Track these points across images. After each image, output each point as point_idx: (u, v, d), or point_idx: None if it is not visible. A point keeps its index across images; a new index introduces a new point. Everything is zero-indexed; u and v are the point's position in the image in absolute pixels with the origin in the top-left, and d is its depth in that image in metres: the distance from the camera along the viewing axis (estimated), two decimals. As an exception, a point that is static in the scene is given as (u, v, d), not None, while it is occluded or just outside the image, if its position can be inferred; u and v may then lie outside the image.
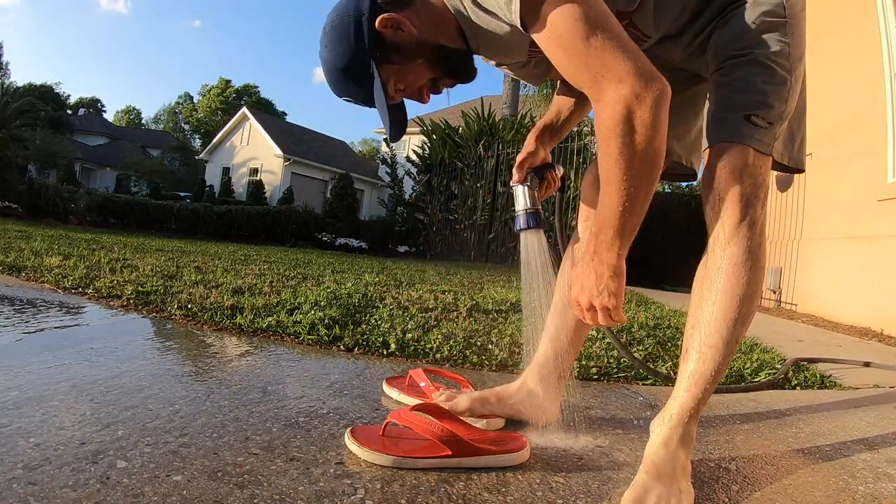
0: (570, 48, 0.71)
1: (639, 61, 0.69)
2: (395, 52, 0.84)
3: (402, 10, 0.83)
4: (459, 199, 8.72)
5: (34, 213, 10.99)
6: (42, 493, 0.62)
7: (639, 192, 0.73)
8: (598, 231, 0.77)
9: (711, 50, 0.87)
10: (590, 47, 0.69)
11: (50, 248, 3.27)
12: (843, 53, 3.98)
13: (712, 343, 0.80)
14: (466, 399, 1.02)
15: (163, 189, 21.27)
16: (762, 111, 0.80)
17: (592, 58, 0.69)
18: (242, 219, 12.66)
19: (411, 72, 0.86)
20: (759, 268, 0.81)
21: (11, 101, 14.76)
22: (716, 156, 0.81)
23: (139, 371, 1.15)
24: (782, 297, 4.55)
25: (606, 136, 0.71)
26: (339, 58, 0.85)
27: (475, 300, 2.46)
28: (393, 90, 0.88)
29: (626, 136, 0.70)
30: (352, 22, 0.83)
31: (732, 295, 0.80)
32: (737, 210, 0.79)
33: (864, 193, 3.63)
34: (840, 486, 0.87)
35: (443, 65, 0.87)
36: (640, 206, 0.75)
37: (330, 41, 0.86)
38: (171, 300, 1.93)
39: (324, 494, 0.69)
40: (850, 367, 1.94)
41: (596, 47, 0.69)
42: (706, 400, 0.82)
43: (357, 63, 0.85)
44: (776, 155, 0.83)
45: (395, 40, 0.83)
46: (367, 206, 22.22)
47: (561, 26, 0.70)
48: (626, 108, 0.69)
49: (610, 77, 0.69)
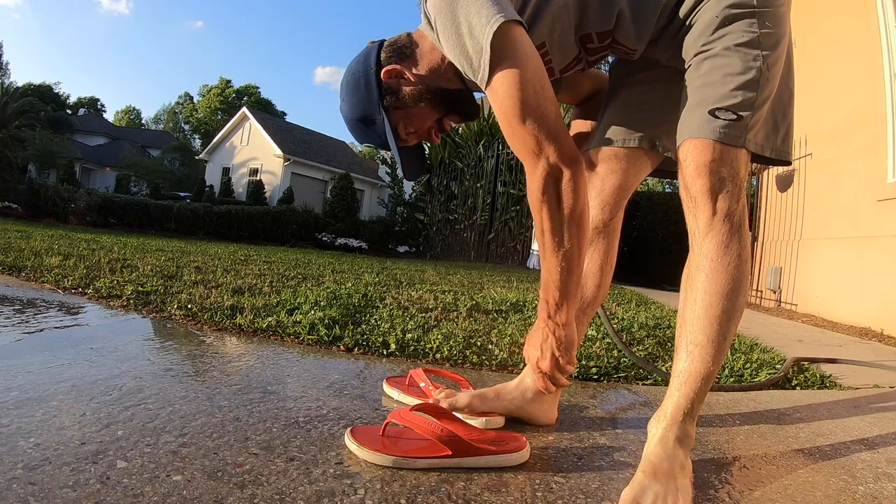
0: (511, 124, 0.81)
1: (564, 144, 0.81)
2: (400, 99, 0.95)
3: (403, 61, 0.94)
4: (459, 199, 8.73)
5: (34, 213, 10.99)
6: (42, 493, 0.62)
7: (572, 251, 0.85)
8: (546, 296, 0.89)
9: (683, 49, 0.89)
10: (525, 129, 0.80)
11: (50, 248, 3.27)
12: (843, 53, 3.98)
13: (697, 341, 0.81)
14: (466, 396, 1.03)
15: (163, 189, 21.26)
16: (728, 103, 0.79)
17: (527, 137, 0.81)
18: (242, 219, 12.66)
19: (417, 115, 0.96)
20: (742, 261, 0.80)
21: (11, 101, 14.76)
22: (683, 154, 0.83)
23: (139, 371, 1.15)
24: (782, 297, 4.55)
25: (538, 204, 0.83)
26: (354, 109, 0.98)
27: (475, 300, 2.46)
28: (404, 133, 0.97)
29: (553, 202, 0.82)
30: (362, 76, 0.95)
31: (713, 291, 0.80)
32: (707, 206, 0.80)
33: (864, 193, 3.63)
34: (840, 486, 0.87)
35: (445, 105, 0.96)
36: (577, 266, 0.87)
37: (346, 94, 0.98)
38: (171, 300, 1.93)
39: (324, 494, 0.69)
40: (850, 367, 1.94)
41: (530, 130, 0.80)
42: (702, 399, 0.82)
43: (370, 112, 0.96)
44: (753, 147, 0.82)
45: (399, 88, 0.94)
46: (367, 206, 22.23)
47: (507, 106, 0.81)
48: (553, 180, 0.81)
49: (540, 154, 0.81)
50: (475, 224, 8.34)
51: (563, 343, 0.91)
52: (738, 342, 2.11)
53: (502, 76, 0.79)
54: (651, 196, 9.47)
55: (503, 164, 7.83)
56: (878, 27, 3.52)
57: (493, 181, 8.00)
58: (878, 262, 3.38)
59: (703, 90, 0.82)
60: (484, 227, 8.15)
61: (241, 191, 21.89)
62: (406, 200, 11.13)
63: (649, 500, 0.72)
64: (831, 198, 4.08)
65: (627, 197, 1.08)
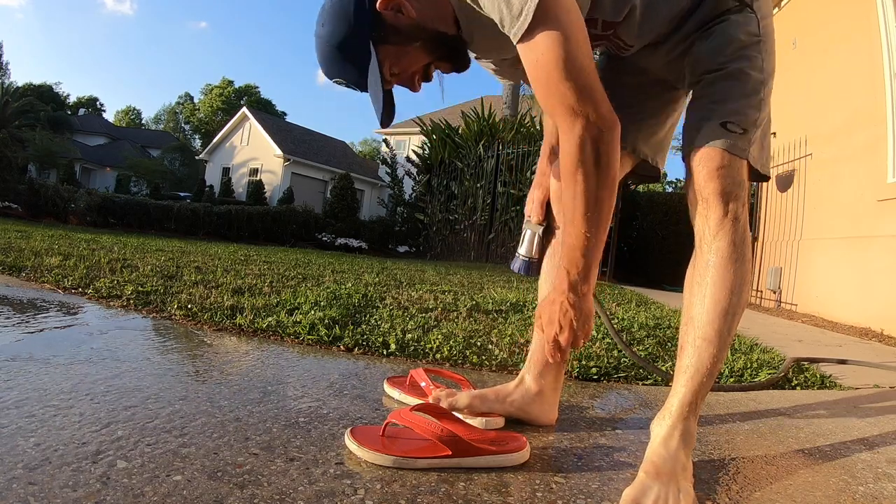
0: (551, 78, 0.77)
1: (603, 104, 0.78)
2: (393, 34, 0.86)
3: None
4: (459, 200, 8.72)
5: (34, 213, 10.98)
6: (42, 493, 0.62)
7: (602, 218, 0.82)
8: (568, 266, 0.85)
9: (690, 60, 0.93)
10: (566, 85, 0.76)
11: (50, 248, 3.26)
12: (843, 53, 3.98)
13: (706, 335, 0.83)
14: (466, 396, 1.03)
15: (163, 189, 21.25)
16: (737, 118, 0.86)
17: (568, 94, 0.77)
18: (242, 219, 12.66)
19: (407, 55, 0.88)
20: (746, 260, 0.85)
21: (12, 101, 14.76)
22: (696, 160, 0.86)
23: (139, 371, 1.15)
24: (782, 297, 4.54)
25: (573, 166, 0.79)
26: (337, 35, 0.87)
27: (475, 300, 2.46)
28: (388, 73, 0.89)
29: (589, 164, 0.79)
30: (352, 1, 0.85)
31: (722, 287, 0.83)
32: (718, 206, 0.84)
33: (864, 193, 3.63)
34: (840, 486, 0.87)
35: (439, 50, 0.90)
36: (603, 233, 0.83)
37: (329, 18, 0.87)
38: (171, 300, 1.93)
39: (324, 494, 0.69)
40: (850, 368, 1.94)
41: (571, 86, 0.76)
42: (704, 395, 0.84)
43: (354, 41, 0.86)
44: (752, 160, 0.88)
45: (394, 22, 0.86)
46: (367, 206, 22.22)
47: (548, 60, 0.76)
48: (591, 139, 0.78)
49: (580, 113, 0.77)
50: (475, 224, 8.33)
51: (582, 316, 0.87)
52: (738, 342, 2.11)
53: (547, 28, 0.75)
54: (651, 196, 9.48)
55: (503, 165, 7.82)
56: (878, 27, 3.52)
57: (493, 181, 7.99)
58: (878, 263, 3.38)
59: (716, 105, 0.87)
60: (484, 227, 8.15)
61: (241, 191, 21.89)
62: (406, 200, 11.12)
63: (650, 501, 0.72)
64: (831, 198, 4.08)
65: None
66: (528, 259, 1.09)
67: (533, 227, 1.09)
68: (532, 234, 1.09)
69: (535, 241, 1.09)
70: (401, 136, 22.56)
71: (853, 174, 3.80)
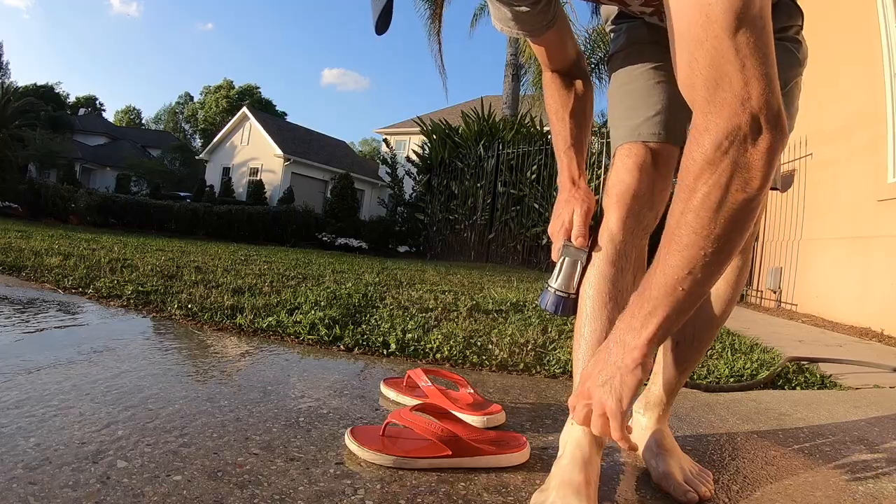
0: (708, 32, 0.51)
1: (775, 89, 0.52)
2: None
3: None
4: (459, 199, 8.72)
5: (34, 213, 10.98)
6: (42, 493, 0.62)
7: (719, 256, 0.55)
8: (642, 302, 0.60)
9: None
10: (733, 43, 0.50)
11: (50, 247, 3.26)
12: (844, 53, 3.97)
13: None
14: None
15: (163, 189, 21.25)
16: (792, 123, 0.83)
17: (732, 57, 0.51)
18: (242, 219, 12.66)
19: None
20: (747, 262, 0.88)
21: (12, 101, 14.76)
22: None
23: (139, 371, 1.15)
24: (782, 297, 4.54)
25: (699, 168, 0.54)
26: None
27: (475, 300, 2.46)
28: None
29: (724, 175, 0.52)
30: None
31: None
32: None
33: (864, 193, 3.63)
34: (840, 486, 0.87)
35: None
36: (713, 277, 0.57)
37: None
38: (171, 300, 1.93)
39: (324, 494, 0.69)
40: (849, 367, 1.94)
41: (739, 48, 0.50)
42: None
43: None
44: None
45: None
46: (367, 206, 22.21)
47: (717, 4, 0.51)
48: (739, 139, 0.51)
49: (736, 91, 0.51)
50: (475, 224, 8.33)
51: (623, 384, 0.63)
52: (738, 342, 2.11)
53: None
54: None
55: (503, 164, 7.82)
56: (878, 27, 3.52)
57: (493, 181, 7.99)
58: (878, 263, 3.38)
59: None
60: (484, 227, 8.14)
61: (242, 191, 21.89)
62: (406, 200, 11.11)
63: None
64: (831, 198, 4.08)
65: None
66: (565, 294, 0.83)
67: (573, 252, 0.83)
68: (573, 261, 0.83)
69: (576, 272, 0.83)
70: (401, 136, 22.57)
71: (853, 174, 3.80)
